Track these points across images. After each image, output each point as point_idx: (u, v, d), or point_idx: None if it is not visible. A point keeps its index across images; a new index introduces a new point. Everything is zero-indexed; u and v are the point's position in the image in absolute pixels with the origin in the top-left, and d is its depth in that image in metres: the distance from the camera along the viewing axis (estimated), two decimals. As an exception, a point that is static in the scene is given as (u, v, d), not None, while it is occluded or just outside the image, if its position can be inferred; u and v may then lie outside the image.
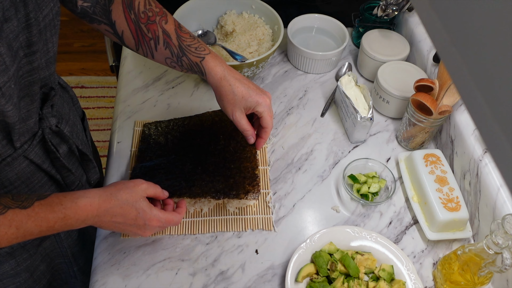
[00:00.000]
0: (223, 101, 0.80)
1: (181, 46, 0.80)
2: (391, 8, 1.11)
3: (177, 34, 0.80)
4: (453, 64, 0.24)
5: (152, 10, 0.79)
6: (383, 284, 0.78)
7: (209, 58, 0.79)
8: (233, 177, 0.87)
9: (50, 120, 0.72)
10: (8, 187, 0.70)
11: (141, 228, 0.73)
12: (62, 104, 0.79)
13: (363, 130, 0.99)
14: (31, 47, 0.61)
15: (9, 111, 0.60)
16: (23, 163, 0.70)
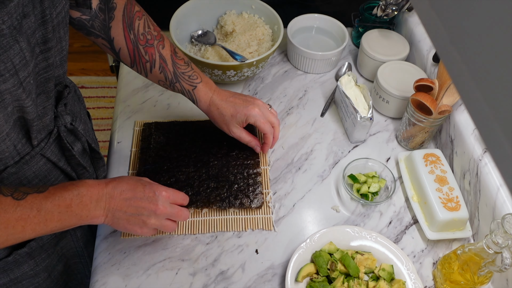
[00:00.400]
0: (217, 123, 0.89)
1: (175, 72, 0.84)
2: (390, 8, 1.11)
3: (172, 61, 0.84)
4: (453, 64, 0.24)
5: (151, 33, 0.83)
6: (383, 283, 0.78)
7: (200, 86, 0.86)
8: (237, 183, 0.91)
9: (65, 117, 0.74)
10: (26, 186, 0.71)
11: (152, 200, 0.72)
12: (73, 102, 0.81)
13: (363, 130, 0.99)
14: (46, 43, 0.62)
15: (28, 106, 0.62)
16: (40, 161, 0.72)
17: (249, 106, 0.86)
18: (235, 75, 1.04)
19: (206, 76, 0.89)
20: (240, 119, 0.86)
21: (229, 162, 0.93)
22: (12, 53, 0.54)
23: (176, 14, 1.09)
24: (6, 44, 0.53)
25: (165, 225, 0.75)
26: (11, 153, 0.66)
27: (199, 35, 1.14)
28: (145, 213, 0.72)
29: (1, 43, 0.53)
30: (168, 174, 0.91)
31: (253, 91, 1.12)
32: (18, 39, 0.55)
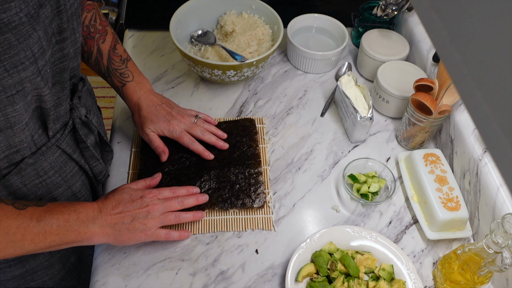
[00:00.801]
0: (135, 123, 0.91)
1: (109, 67, 0.87)
2: (390, 8, 1.11)
3: (109, 56, 0.87)
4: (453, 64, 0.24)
5: (95, 26, 0.86)
6: (383, 283, 0.78)
7: (129, 85, 0.89)
8: (238, 183, 0.91)
9: (80, 110, 0.77)
10: (43, 177, 0.73)
11: (141, 204, 0.75)
12: (86, 96, 0.83)
13: (363, 129, 0.99)
14: (61, 33, 0.64)
15: (46, 95, 0.64)
16: (56, 152, 0.74)
17: (169, 121, 0.89)
18: (235, 75, 1.04)
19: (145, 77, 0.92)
20: (159, 129, 0.89)
21: (230, 162, 0.93)
22: (31, 41, 0.56)
23: (176, 14, 1.09)
24: (26, 33, 0.55)
25: (165, 219, 0.78)
26: (29, 144, 0.68)
27: (199, 35, 1.14)
28: (141, 216, 0.75)
29: (21, 31, 0.54)
30: (169, 176, 0.91)
31: (253, 91, 1.12)
32: (36, 27, 0.56)
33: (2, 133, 0.62)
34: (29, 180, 0.72)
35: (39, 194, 0.74)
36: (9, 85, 0.56)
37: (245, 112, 1.07)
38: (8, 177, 0.69)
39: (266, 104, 1.09)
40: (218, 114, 1.06)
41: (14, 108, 0.59)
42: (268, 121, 1.06)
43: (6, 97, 0.57)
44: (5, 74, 0.55)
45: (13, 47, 0.54)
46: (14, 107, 0.59)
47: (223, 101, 1.09)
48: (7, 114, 0.59)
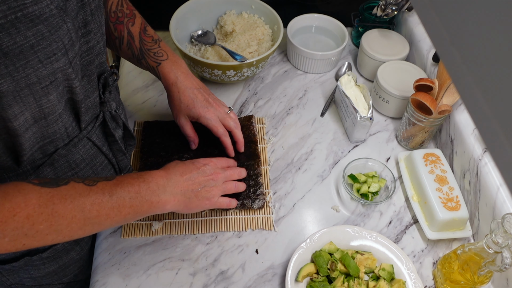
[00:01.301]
0: (171, 105, 0.90)
1: (142, 49, 0.87)
2: (390, 7, 1.11)
3: (140, 37, 0.87)
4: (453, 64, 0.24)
5: (122, 11, 0.85)
6: (383, 283, 0.78)
7: (165, 64, 0.87)
8: None
9: (111, 104, 0.77)
10: (74, 169, 0.74)
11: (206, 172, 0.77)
12: (115, 91, 0.84)
13: (362, 129, 0.99)
14: (86, 26, 0.65)
15: (77, 87, 0.65)
16: (87, 145, 0.75)
17: (207, 108, 0.88)
18: (235, 75, 1.04)
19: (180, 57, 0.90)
20: (193, 114, 0.88)
21: None
22: (61, 33, 0.57)
23: (176, 14, 1.09)
24: (56, 24, 0.56)
25: (226, 187, 0.80)
26: (62, 135, 0.69)
27: (199, 35, 1.14)
28: (207, 184, 0.76)
29: (52, 23, 0.55)
30: None
31: (253, 91, 1.12)
32: (65, 19, 0.57)
33: (37, 123, 0.63)
34: (62, 172, 0.72)
35: None
36: (43, 76, 0.57)
37: (245, 112, 1.07)
38: (42, 168, 0.69)
39: (266, 104, 1.09)
40: (218, 114, 1.06)
41: (48, 98, 0.60)
42: (268, 121, 1.06)
43: (41, 88, 0.58)
44: (39, 65, 0.56)
45: (45, 39, 0.55)
46: (48, 97, 0.60)
47: (223, 101, 1.09)
48: (41, 105, 0.60)
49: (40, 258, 0.78)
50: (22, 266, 0.77)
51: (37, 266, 0.79)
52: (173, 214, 0.88)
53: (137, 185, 0.67)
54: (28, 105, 0.59)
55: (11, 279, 0.80)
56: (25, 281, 0.82)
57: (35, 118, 0.62)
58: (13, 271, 0.78)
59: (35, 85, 0.57)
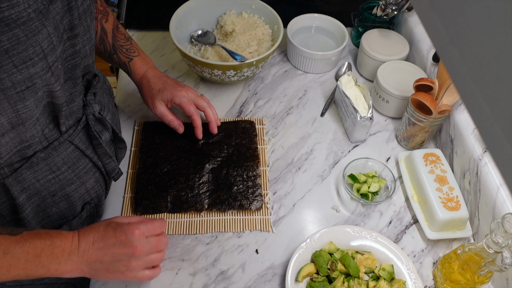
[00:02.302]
0: (144, 97, 0.92)
1: (114, 45, 0.90)
2: (390, 7, 1.11)
3: (113, 34, 0.89)
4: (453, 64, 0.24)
5: (96, 7, 0.88)
6: (383, 283, 0.78)
7: (136, 59, 0.91)
8: (236, 185, 0.91)
9: (94, 106, 0.76)
10: (55, 172, 0.73)
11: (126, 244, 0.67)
12: (102, 93, 0.83)
13: (362, 129, 0.99)
14: (73, 30, 0.64)
15: (57, 91, 0.64)
16: (68, 148, 0.73)
17: (177, 87, 0.90)
18: (235, 75, 1.04)
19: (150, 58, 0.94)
20: (166, 97, 0.90)
21: (228, 164, 0.94)
22: (40, 37, 0.56)
23: (176, 14, 1.09)
24: (35, 29, 0.55)
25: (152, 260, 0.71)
26: (40, 138, 0.68)
27: (199, 35, 1.14)
28: (124, 258, 0.67)
29: (30, 27, 0.54)
30: (168, 176, 0.91)
31: (253, 91, 1.12)
32: (45, 23, 0.56)
33: (15, 130, 0.62)
34: (42, 175, 0.71)
35: (52, 190, 0.73)
36: (18, 81, 0.56)
37: (245, 112, 1.07)
38: (20, 171, 0.68)
39: (266, 104, 1.09)
40: (218, 114, 1.06)
41: (25, 104, 0.59)
42: (268, 121, 1.06)
43: (16, 93, 0.57)
44: (14, 70, 0.55)
45: (21, 43, 0.54)
46: (24, 103, 0.59)
47: (223, 101, 1.09)
48: (18, 110, 0.59)
49: None
50: None
51: None
52: (173, 214, 0.88)
53: (40, 248, 0.63)
54: (3, 110, 0.57)
55: None
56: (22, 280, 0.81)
57: (12, 124, 0.60)
58: None
59: (9, 90, 0.56)
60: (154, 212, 0.88)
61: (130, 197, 0.91)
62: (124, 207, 0.89)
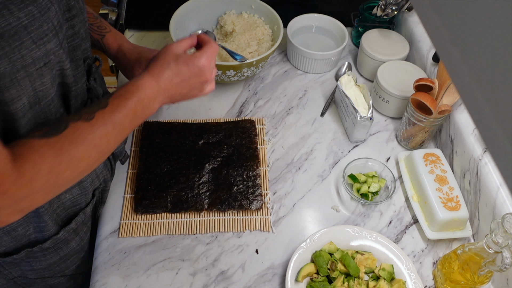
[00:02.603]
0: (122, 70, 0.91)
1: None
2: (390, 7, 1.11)
3: None
4: (453, 64, 0.24)
5: None
6: (383, 283, 0.78)
7: (108, 36, 0.90)
8: (236, 185, 0.91)
9: (98, 89, 0.79)
10: None
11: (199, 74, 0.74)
12: (101, 80, 0.85)
13: (363, 129, 0.99)
14: (70, 11, 0.66)
15: (67, 69, 0.66)
16: None
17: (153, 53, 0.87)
18: (235, 75, 1.04)
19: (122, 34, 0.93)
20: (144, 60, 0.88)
21: (228, 164, 0.94)
22: (50, 14, 0.58)
23: (176, 14, 1.09)
24: (45, 6, 0.57)
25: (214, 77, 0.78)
26: (51, 120, 0.69)
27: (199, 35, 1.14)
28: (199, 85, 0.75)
29: (41, 4, 0.56)
30: (168, 176, 0.91)
31: (253, 91, 1.12)
32: (52, 1, 0.58)
33: (32, 109, 0.63)
34: None
35: None
36: (37, 57, 0.58)
37: (245, 112, 1.07)
38: None
39: (266, 104, 1.09)
40: (218, 114, 1.06)
41: (42, 81, 0.61)
42: (268, 121, 1.06)
43: (35, 70, 0.59)
44: (33, 46, 0.57)
45: (36, 19, 0.56)
46: (42, 80, 0.61)
47: (223, 101, 1.09)
48: (36, 88, 0.61)
49: (41, 249, 0.78)
50: (23, 258, 0.78)
51: (38, 258, 0.80)
52: (173, 214, 0.88)
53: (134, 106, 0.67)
54: (25, 88, 0.59)
55: (13, 272, 0.81)
56: (27, 273, 0.82)
57: (31, 103, 0.62)
58: (15, 264, 0.79)
59: (30, 67, 0.58)
60: (154, 212, 0.88)
61: (130, 197, 0.91)
62: (124, 207, 0.89)
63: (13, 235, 0.73)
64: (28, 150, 0.57)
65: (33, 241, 0.77)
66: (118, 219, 0.88)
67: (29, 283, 0.85)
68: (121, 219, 0.88)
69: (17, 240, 0.76)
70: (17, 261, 0.78)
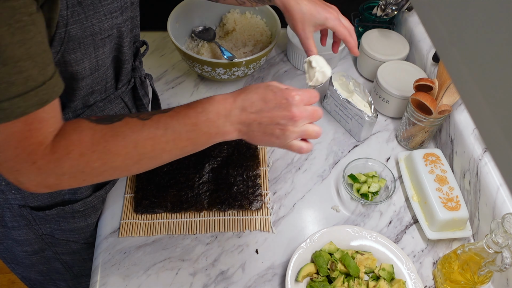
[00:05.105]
0: (293, 20, 0.85)
1: None
2: (390, 7, 1.11)
3: None
4: (453, 64, 0.24)
5: None
6: (383, 283, 0.78)
7: None
8: (236, 185, 0.90)
9: (141, 70, 0.83)
10: None
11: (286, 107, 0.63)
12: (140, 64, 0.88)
13: (370, 127, 0.99)
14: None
15: (125, 46, 0.72)
16: (120, 104, 0.81)
17: (329, 9, 0.84)
18: (225, 73, 1.04)
19: None
20: (318, 21, 0.84)
21: (228, 164, 0.94)
22: None
23: (179, 7, 1.10)
24: None
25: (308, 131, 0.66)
26: (101, 89, 0.75)
27: (200, 31, 1.15)
28: (282, 121, 0.64)
29: None
30: (168, 176, 0.91)
31: (253, 91, 1.12)
32: None
33: (92, 75, 0.69)
34: None
35: None
36: (104, 29, 0.64)
37: (245, 112, 1.07)
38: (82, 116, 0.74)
39: (266, 104, 1.09)
40: (218, 114, 1.06)
41: (103, 50, 0.67)
42: (268, 121, 1.06)
43: (100, 39, 0.65)
44: (103, 18, 0.63)
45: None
46: (103, 49, 0.67)
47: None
48: (98, 56, 0.67)
49: (72, 209, 0.83)
50: (54, 216, 0.83)
51: (67, 218, 0.84)
52: (173, 214, 0.88)
53: (195, 116, 0.61)
54: (88, 54, 0.65)
55: (43, 228, 0.86)
56: (55, 233, 0.88)
57: (92, 69, 0.68)
58: (46, 220, 0.83)
59: (96, 35, 0.64)
60: (154, 212, 0.88)
61: (130, 197, 0.91)
62: (124, 207, 0.89)
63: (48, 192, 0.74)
64: (73, 129, 0.57)
65: (66, 200, 0.83)
66: (118, 219, 0.88)
67: (55, 242, 0.90)
68: (121, 219, 0.88)
69: (52, 197, 0.81)
70: (49, 217, 0.83)
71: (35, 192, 0.59)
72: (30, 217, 0.83)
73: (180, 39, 1.11)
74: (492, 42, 0.20)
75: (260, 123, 0.63)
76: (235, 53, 1.07)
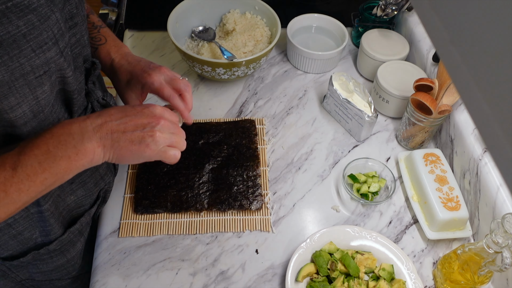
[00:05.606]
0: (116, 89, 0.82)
1: None
2: (390, 7, 1.11)
3: None
4: (453, 64, 0.24)
5: None
6: (383, 283, 0.78)
7: (101, 48, 0.81)
8: (236, 185, 0.90)
9: (97, 92, 0.76)
10: None
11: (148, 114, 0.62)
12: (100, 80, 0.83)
13: (370, 127, 0.99)
14: (73, 19, 0.65)
15: (69, 77, 0.64)
16: None
17: (145, 74, 0.75)
18: (225, 73, 1.04)
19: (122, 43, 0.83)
20: (137, 89, 0.77)
21: (228, 164, 0.94)
22: (51, 22, 0.57)
23: (179, 7, 1.09)
24: (45, 14, 0.56)
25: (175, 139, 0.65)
26: None
27: (200, 31, 1.15)
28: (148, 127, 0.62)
29: (41, 12, 0.56)
30: (168, 176, 0.91)
31: (253, 91, 1.12)
32: (53, 9, 0.58)
33: (36, 118, 0.61)
34: None
35: None
36: (37, 66, 0.57)
37: (245, 112, 1.07)
38: None
39: (266, 104, 1.09)
40: (218, 114, 1.06)
41: (43, 89, 0.59)
42: (268, 121, 1.06)
43: (35, 78, 0.57)
44: (32, 54, 0.56)
45: (36, 28, 0.55)
46: (42, 88, 0.59)
47: (223, 101, 1.09)
48: (37, 96, 0.59)
49: (47, 251, 0.78)
50: (30, 261, 0.77)
51: (45, 260, 0.80)
52: (173, 214, 0.88)
53: (44, 143, 0.57)
54: (24, 97, 0.57)
55: (21, 275, 0.80)
56: (35, 276, 0.82)
57: (34, 112, 0.60)
58: (22, 267, 0.78)
59: (29, 75, 0.56)
60: (154, 212, 0.88)
61: (130, 197, 0.91)
62: (124, 207, 0.89)
63: (19, 239, 0.73)
64: None
65: (39, 244, 0.76)
66: (118, 219, 0.88)
67: (37, 285, 0.85)
68: (121, 219, 0.88)
69: (24, 244, 0.74)
70: (24, 264, 0.77)
71: None
72: (4, 267, 0.77)
73: (180, 39, 1.11)
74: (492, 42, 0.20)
75: (124, 131, 0.61)
76: (235, 53, 1.07)
